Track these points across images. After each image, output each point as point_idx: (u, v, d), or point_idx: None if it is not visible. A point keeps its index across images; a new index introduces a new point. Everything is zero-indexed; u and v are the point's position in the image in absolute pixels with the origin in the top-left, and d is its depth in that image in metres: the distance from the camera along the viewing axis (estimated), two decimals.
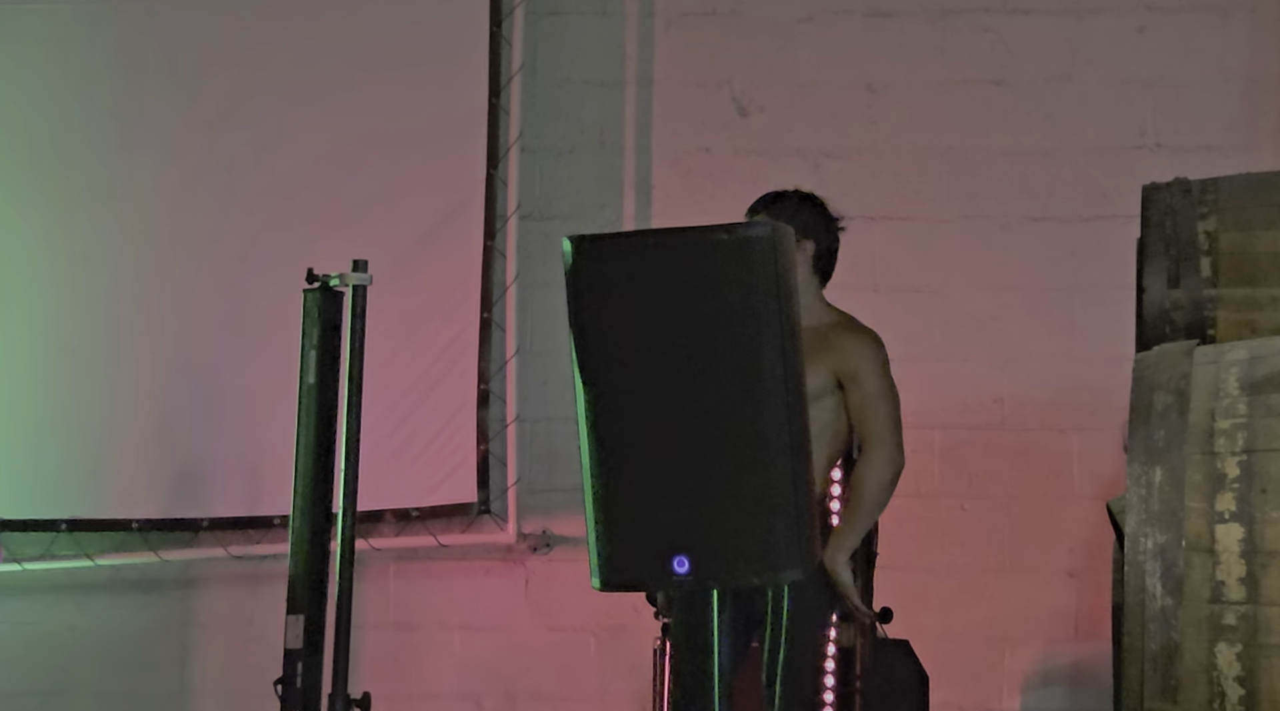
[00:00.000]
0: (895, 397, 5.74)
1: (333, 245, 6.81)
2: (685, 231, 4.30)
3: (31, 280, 7.56)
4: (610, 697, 7.26)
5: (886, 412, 5.70)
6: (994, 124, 7.30)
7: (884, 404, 5.71)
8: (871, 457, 5.63)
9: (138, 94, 7.60)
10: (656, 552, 4.21)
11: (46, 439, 7.47)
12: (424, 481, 7.29)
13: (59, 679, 7.47)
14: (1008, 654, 7.12)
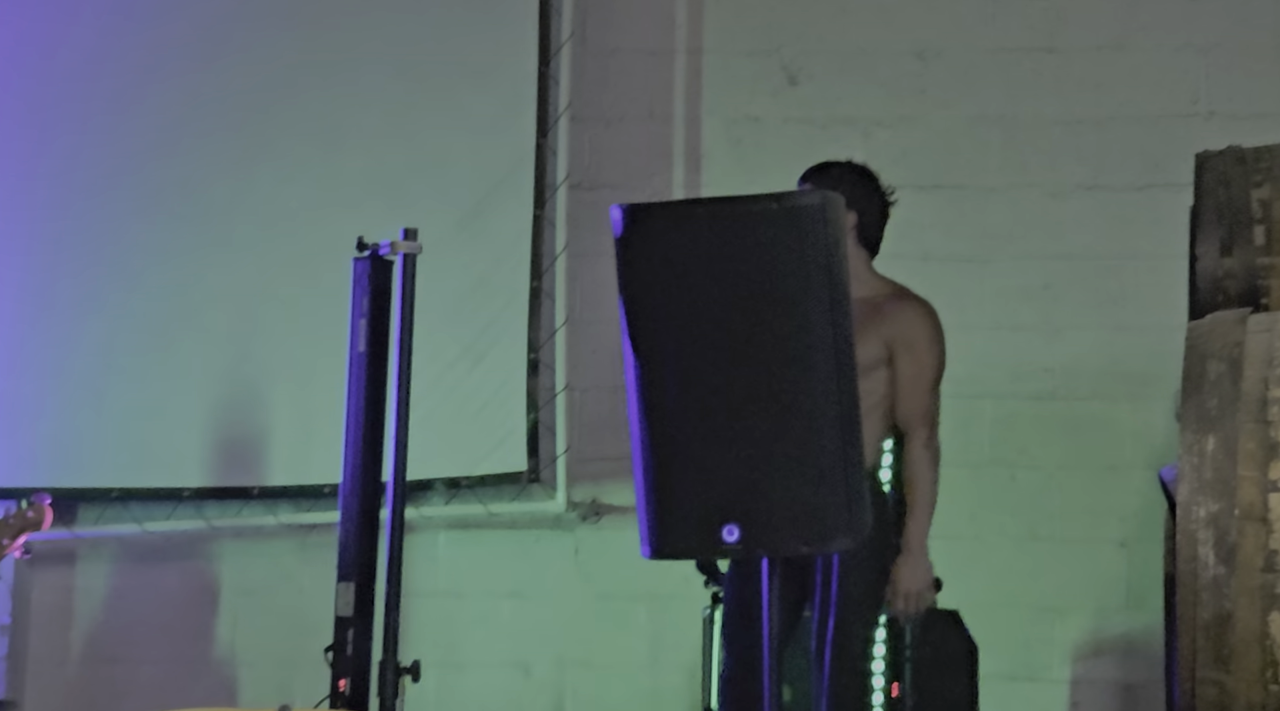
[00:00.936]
0: (938, 376, 5.75)
1: (383, 214, 6.83)
2: (735, 200, 4.30)
3: (84, 249, 7.58)
4: (660, 666, 7.27)
5: (926, 393, 5.71)
6: (1046, 92, 7.27)
7: (926, 381, 5.72)
8: (913, 452, 5.67)
9: (194, 64, 7.60)
10: (706, 521, 4.21)
11: (98, 407, 7.50)
12: (474, 450, 7.31)
13: (111, 646, 7.52)
14: (1058, 624, 7.11)
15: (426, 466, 6.83)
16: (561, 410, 7.31)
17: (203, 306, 7.49)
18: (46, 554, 7.58)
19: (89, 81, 7.66)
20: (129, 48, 7.66)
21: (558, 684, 7.35)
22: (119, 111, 7.64)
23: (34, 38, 7.69)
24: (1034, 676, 7.07)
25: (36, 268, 7.59)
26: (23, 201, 7.61)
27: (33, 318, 7.56)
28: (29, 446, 7.49)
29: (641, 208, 4.34)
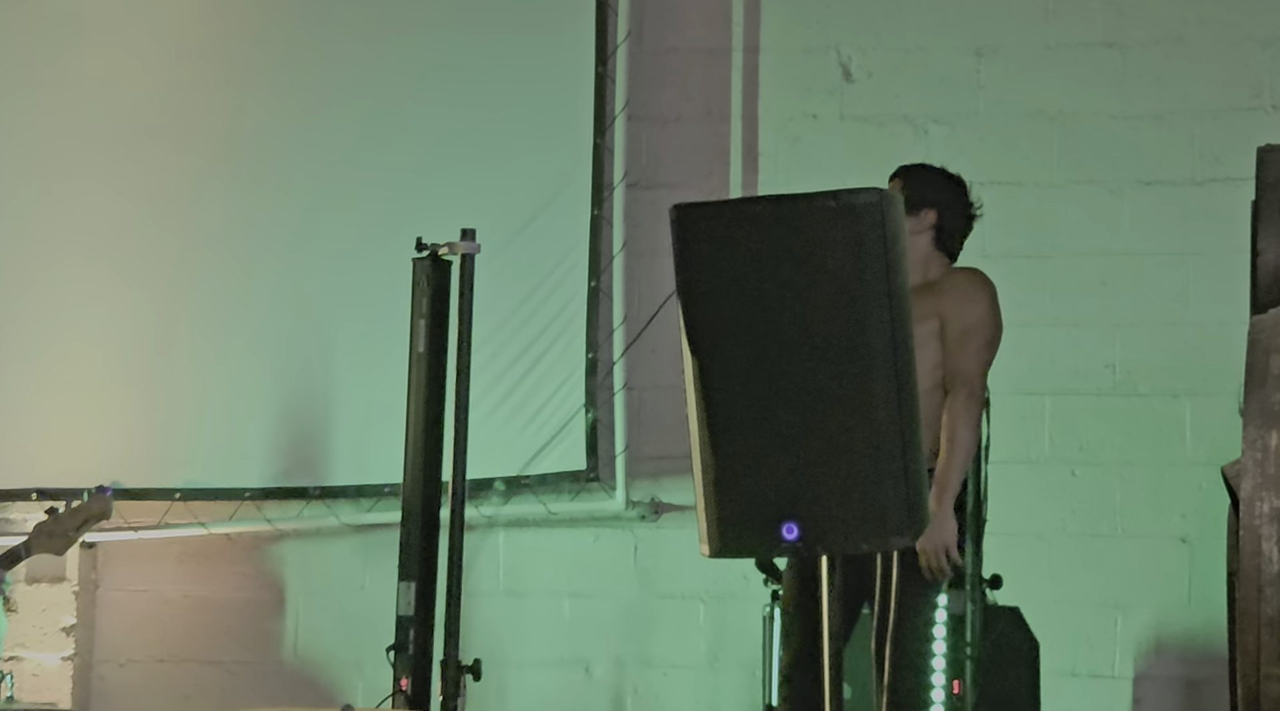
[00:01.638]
0: (994, 336, 5.71)
1: (442, 214, 6.85)
2: (792, 198, 4.29)
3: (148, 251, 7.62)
4: (720, 664, 7.27)
5: (977, 347, 5.67)
6: (1104, 87, 7.24)
7: (978, 337, 5.68)
8: (954, 405, 5.63)
9: (259, 64, 7.64)
10: (766, 519, 4.21)
11: (161, 408, 7.54)
12: (533, 449, 7.32)
13: (173, 646, 7.55)
14: (1120, 620, 7.08)
15: (486, 465, 6.85)
16: (620, 409, 7.32)
17: (264, 308, 7.53)
18: (111, 554, 7.64)
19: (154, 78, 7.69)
20: (197, 50, 7.69)
21: (618, 683, 7.35)
22: (179, 111, 7.66)
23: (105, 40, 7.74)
24: (1096, 673, 7.05)
25: (99, 270, 7.62)
26: (81, 204, 7.65)
27: (98, 319, 7.60)
28: (94, 446, 7.54)
29: (699, 206, 4.35)
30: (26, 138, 7.73)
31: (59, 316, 7.61)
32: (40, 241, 7.66)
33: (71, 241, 7.64)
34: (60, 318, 7.61)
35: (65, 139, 7.71)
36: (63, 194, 7.66)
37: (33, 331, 7.61)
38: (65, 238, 7.64)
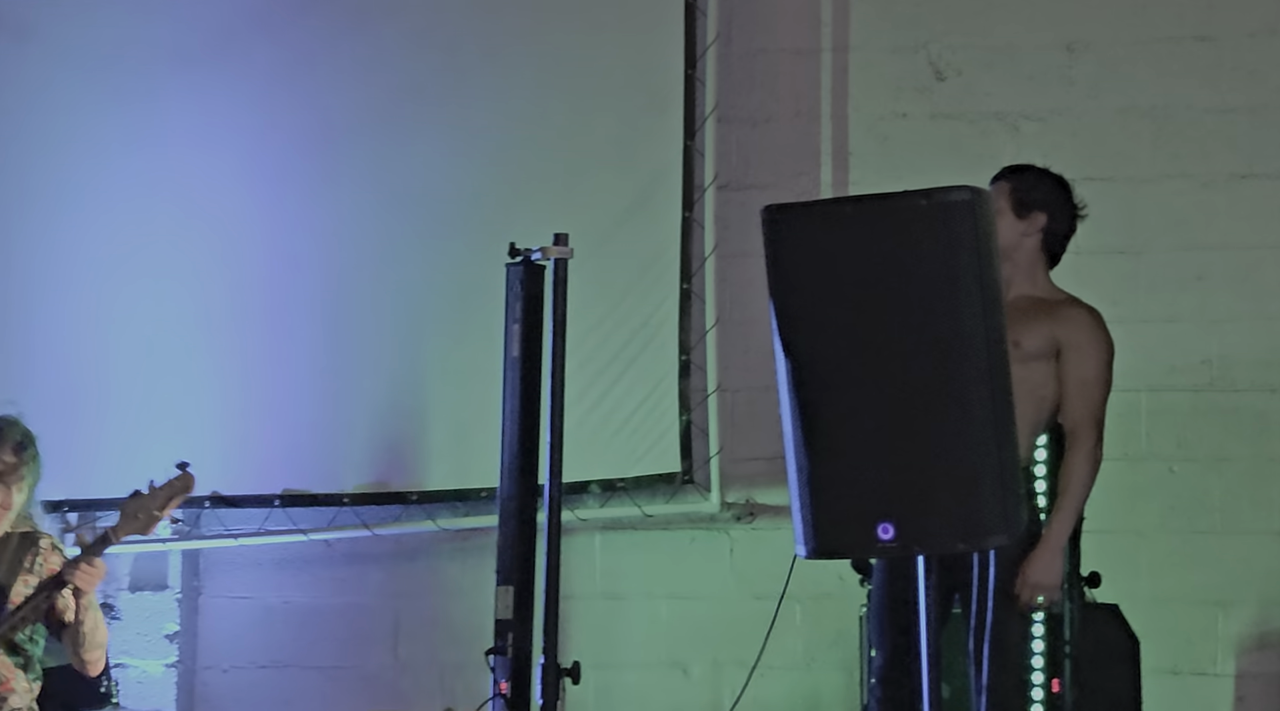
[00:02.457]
0: (1108, 385, 5.76)
1: (533, 218, 6.88)
2: (884, 198, 4.31)
3: (253, 267, 7.69)
4: (817, 665, 7.28)
5: (1097, 402, 5.74)
6: (1197, 81, 7.20)
7: (1097, 391, 5.74)
8: (1075, 456, 5.69)
9: (350, 75, 7.68)
10: (861, 520, 4.22)
11: (260, 416, 7.59)
12: (628, 452, 7.33)
13: (274, 652, 7.60)
14: (1221, 617, 7.04)
15: (582, 469, 6.85)
16: (714, 411, 7.32)
17: (359, 315, 7.57)
18: (213, 561, 7.71)
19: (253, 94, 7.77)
20: (293, 56, 7.75)
21: (716, 684, 7.37)
22: (275, 123, 7.73)
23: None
24: (1198, 670, 7.02)
25: (198, 281, 7.67)
26: (205, 224, 7.71)
27: (197, 331, 7.65)
28: (195, 454, 7.55)
29: (790, 207, 4.36)
30: (119, 151, 7.79)
31: (161, 328, 7.66)
32: (144, 256, 7.70)
33: (173, 253, 7.69)
34: (161, 330, 7.66)
35: (153, 148, 7.76)
36: (164, 210, 7.72)
37: (134, 344, 7.66)
38: (165, 251, 7.69)
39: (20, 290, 7.80)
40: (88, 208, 7.77)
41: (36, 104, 7.85)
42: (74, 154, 7.81)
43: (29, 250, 7.82)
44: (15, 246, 7.82)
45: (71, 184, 7.80)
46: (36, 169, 7.83)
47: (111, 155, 7.78)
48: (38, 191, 7.82)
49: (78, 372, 7.66)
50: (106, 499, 7.52)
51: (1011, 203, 5.89)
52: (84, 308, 7.74)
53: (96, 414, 7.58)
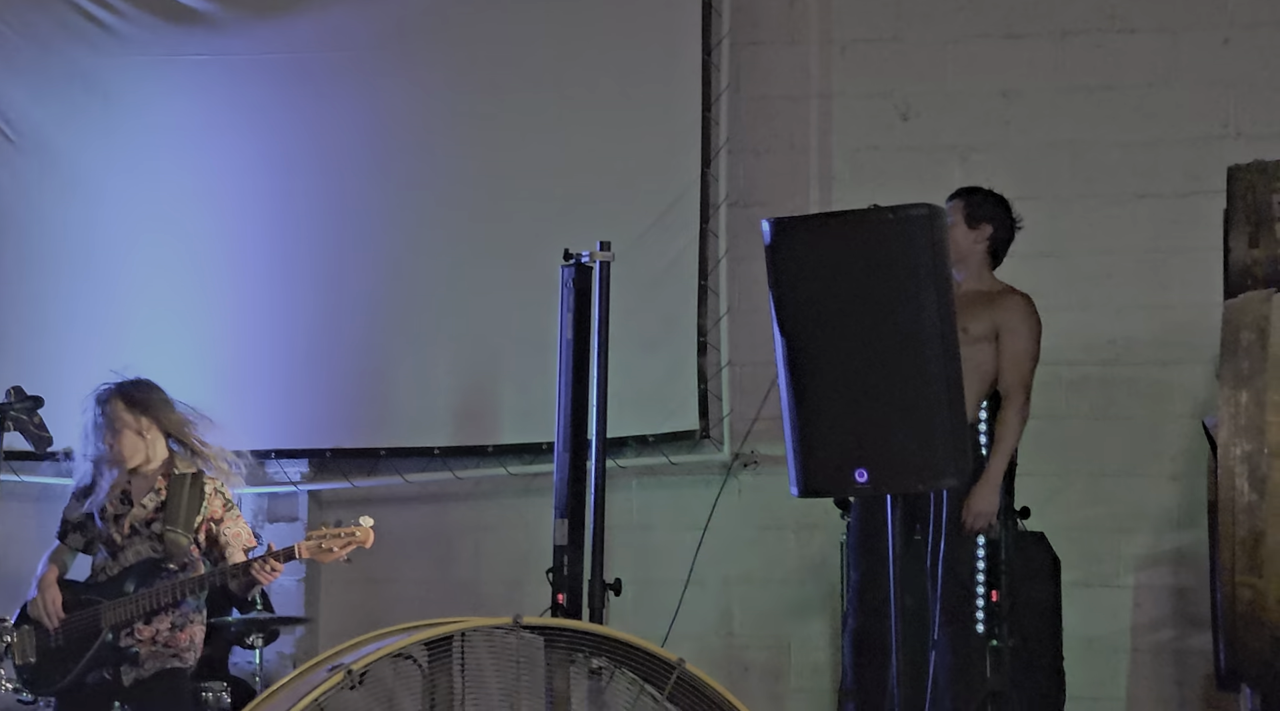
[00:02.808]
0: (1035, 358, 5.77)
1: (581, 223, 6.88)
2: (859, 213, 4.32)
3: (362, 253, 7.64)
4: (807, 581, 7.27)
5: (1026, 371, 5.75)
6: (1106, 121, 7.19)
7: (1026, 362, 5.75)
8: (1008, 412, 5.70)
9: (433, 88, 7.59)
10: (842, 466, 4.24)
11: (367, 382, 7.54)
12: (657, 414, 7.32)
13: (384, 569, 7.56)
14: (1124, 542, 7.04)
15: (621, 427, 6.84)
16: (725, 381, 7.32)
17: (450, 301, 7.50)
18: (330, 500, 7.68)
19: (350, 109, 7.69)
20: (376, 69, 7.65)
21: (727, 595, 7.37)
22: (373, 137, 7.65)
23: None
24: (1105, 583, 7.02)
25: (323, 268, 7.60)
26: (304, 220, 7.66)
27: (322, 311, 7.59)
28: (316, 413, 7.59)
29: (786, 220, 4.37)
30: (224, 150, 7.68)
31: (288, 306, 7.60)
32: (273, 235, 7.61)
33: (300, 246, 7.61)
34: (288, 308, 7.60)
35: (257, 144, 7.65)
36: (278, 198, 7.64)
37: (268, 316, 7.60)
38: (295, 230, 7.60)
39: (114, 253, 7.67)
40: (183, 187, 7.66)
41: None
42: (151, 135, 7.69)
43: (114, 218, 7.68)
44: (104, 207, 7.68)
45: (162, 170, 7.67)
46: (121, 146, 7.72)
47: (206, 141, 7.67)
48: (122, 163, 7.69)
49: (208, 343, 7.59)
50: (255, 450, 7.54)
51: (964, 216, 5.90)
52: (196, 277, 7.62)
53: (231, 377, 7.51)
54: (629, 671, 4.03)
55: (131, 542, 5.83)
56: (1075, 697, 6.46)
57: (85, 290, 7.64)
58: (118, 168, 7.67)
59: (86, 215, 7.67)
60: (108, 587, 5.82)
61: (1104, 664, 6.95)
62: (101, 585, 5.84)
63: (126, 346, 7.48)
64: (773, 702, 7.21)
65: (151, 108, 7.70)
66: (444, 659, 3.87)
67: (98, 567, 5.90)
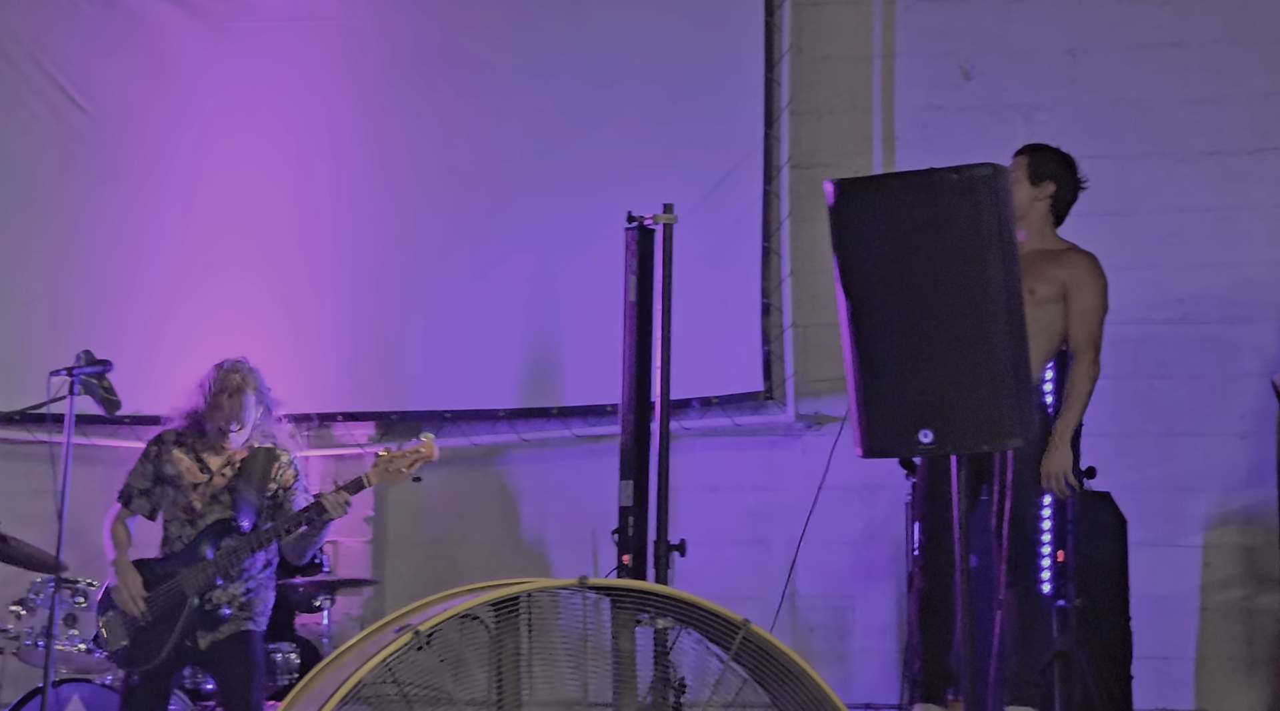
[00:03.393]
0: (1104, 315, 5.74)
1: (646, 190, 6.88)
2: (923, 173, 4.31)
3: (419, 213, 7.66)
4: (872, 540, 7.28)
5: (1095, 327, 5.71)
6: (1173, 78, 7.13)
7: (1095, 318, 5.72)
8: (1079, 369, 5.67)
9: (501, 48, 7.62)
10: (906, 426, 4.24)
11: (433, 346, 7.58)
12: (721, 375, 7.33)
13: (449, 530, 7.64)
14: (1191, 501, 7.01)
15: (685, 388, 6.86)
16: (788, 343, 7.32)
17: (515, 265, 7.53)
18: None
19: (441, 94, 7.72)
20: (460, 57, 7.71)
21: (791, 557, 7.37)
22: (442, 100, 7.67)
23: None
24: (1173, 543, 6.99)
25: (391, 233, 7.64)
26: (400, 190, 7.69)
27: (389, 276, 7.64)
28: (383, 377, 7.63)
29: (849, 182, 4.37)
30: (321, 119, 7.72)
31: (356, 269, 7.65)
32: (342, 198, 7.65)
33: (393, 220, 7.65)
34: (356, 272, 7.64)
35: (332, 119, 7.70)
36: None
37: (335, 280, 7.65)
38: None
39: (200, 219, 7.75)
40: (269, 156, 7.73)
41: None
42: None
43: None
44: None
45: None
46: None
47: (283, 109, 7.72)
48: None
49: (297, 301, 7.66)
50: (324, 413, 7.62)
51: (1028, 173, 5.87)
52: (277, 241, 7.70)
53: (299, 340, 7.59)
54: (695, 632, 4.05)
55: (210, 510, 5.93)
56: (1144, 657, 6.45)
57: (155, 256, 7.72)
58: (188, 133, 7.74)
59: (157, 181, 7.74)
60: (184, 556, 5.92)
61: (1173, 623, 6.93)
62: (178, 555, 5.94)
63: (196, 310, 7.58)
64: (838, 662, 7.23)
65: (221, 73, 7.76)
66: (511, 619, 3.90)
67: (173, 536, 5.99)
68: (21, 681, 6.80)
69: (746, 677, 4.07)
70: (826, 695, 4.02)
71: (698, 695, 4.00)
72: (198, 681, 6.51)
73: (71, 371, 5.91)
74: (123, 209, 7.75)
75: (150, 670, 5.88)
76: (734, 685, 4.04)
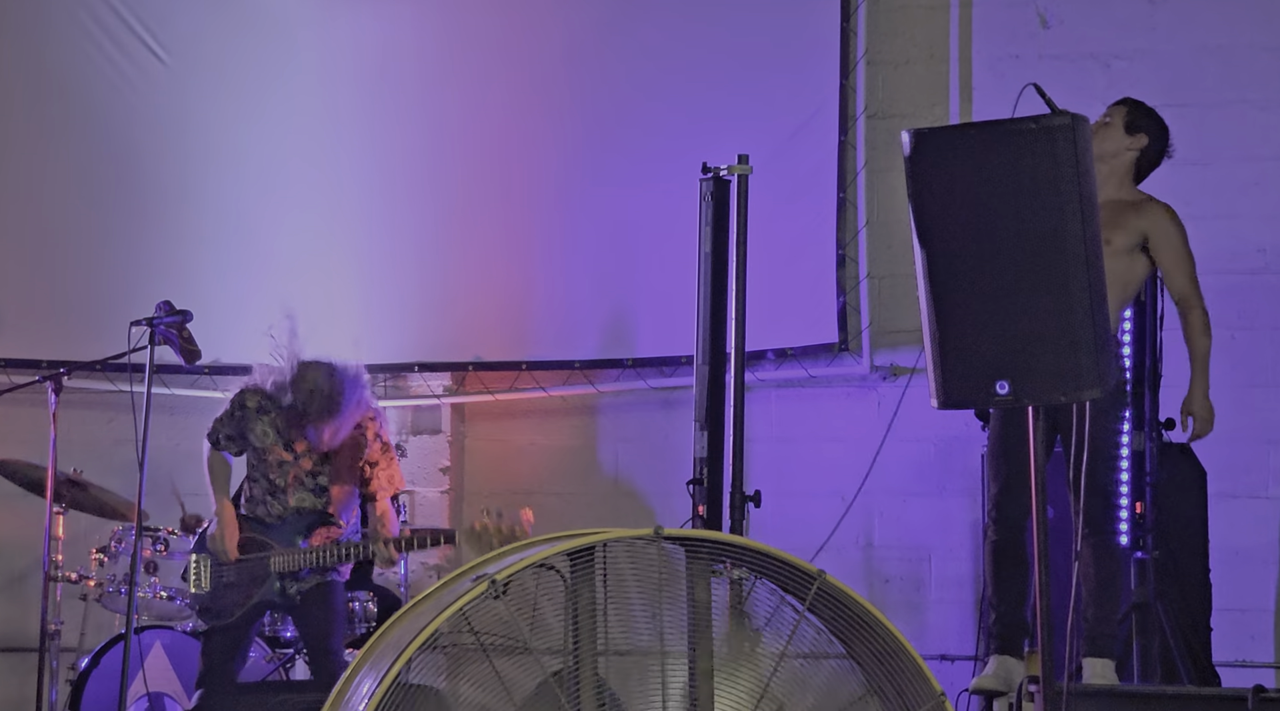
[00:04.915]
0: (1193, 263, 5.72)
1: (719, 136, 6.87)
2: (1001, 123, 4.28)
3: (496, 166, 7.66)
4: (947, 492, 7.28)
5: (1191, 274, 5.70)
6: (1255, 25, 7.04)
7: (1189, 262, 5.70)
8: (1191, 321, 5.70)
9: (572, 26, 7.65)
10: (983, 378, 4.22)
11: (508, 296, 7.62)
12: (796, 326, 7.33)
13: (525, 480, 7.69)
14: (1272, 453, 6.96)
15: (760, 340, 6.86)
16: (864, 294, 7.31)
17: (590, 216, 7.54)
18: (475, 412, 7.79)
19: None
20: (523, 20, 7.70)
21: (868, 508, 7.39)
22: (517, 53, 7.68)
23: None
24: (1253, 494, 6.95)
25: (468, 185, 7.65)
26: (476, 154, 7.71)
27: (464, 227, 7.65)
28: (459, 327, 7.65)
29: (926, 132, 4.34)
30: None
31: (434, 220, 7.67)
32: (420, 151, 7.66)
33: (454, 158, 7.66)
34: (433, 223, 7.67)
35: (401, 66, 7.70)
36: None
37: (412, 231, 7.68)
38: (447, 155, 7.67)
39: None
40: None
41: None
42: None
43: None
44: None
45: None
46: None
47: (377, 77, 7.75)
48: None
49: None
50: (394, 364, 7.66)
51: (1125, 121, 5.84)
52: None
53: (376, 290, 7.63)
54: (770, 582, 4.05)
55: (295, 490, 5.99)
56: (1223, 609, 6.42)
57: (236, 207, 7.78)
58: (271, 86, 7.78)
59: (237, 135, 7.78)
60: (280, 533, 5.99)
61: (1252, 575, 6.89)
62: (275, 528, 6.00)
63: (276, 262, 7.64)
64: (913, 613, 7.24)
65: (299, 25, 7.77)
66: (586, 569, 3.91)
67: (257, 498, 6.04)
68: (104, 628, 6.90)
69: (822, 628, 4.07)
70: (902, 645, 4.02)
71: (773, 645, 4.01)
72: (276, 628, 6.59)
73: (151, 321, 5.96)
74: (208, 161, 7.79)
75: (224, 624, 5.96)
76: (809, 635, 4.04)
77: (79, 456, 7.01)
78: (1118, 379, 5.56)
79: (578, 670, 3.87)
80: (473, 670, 3.86)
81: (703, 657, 3.98)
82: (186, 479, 7.01)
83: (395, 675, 3.75)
